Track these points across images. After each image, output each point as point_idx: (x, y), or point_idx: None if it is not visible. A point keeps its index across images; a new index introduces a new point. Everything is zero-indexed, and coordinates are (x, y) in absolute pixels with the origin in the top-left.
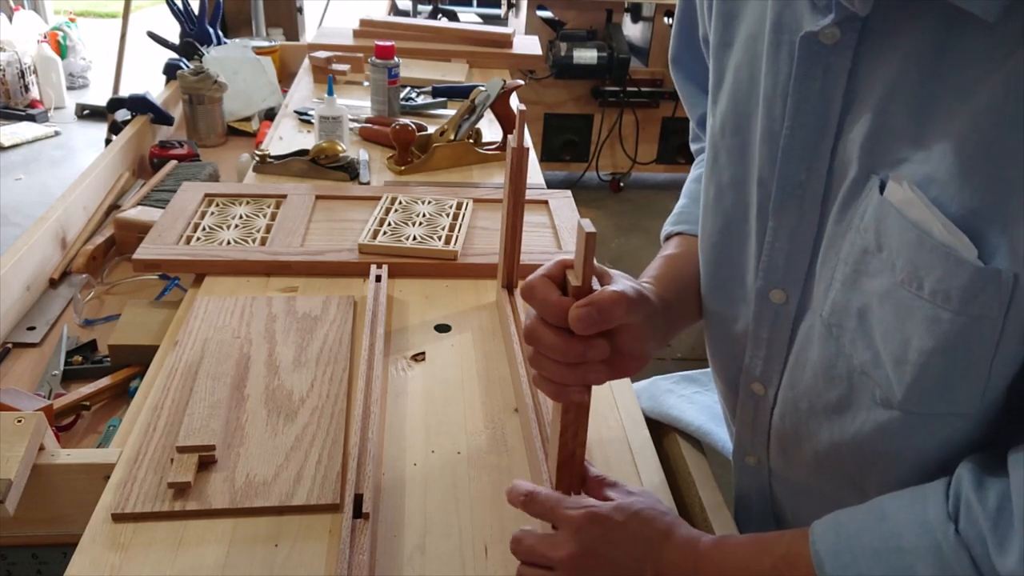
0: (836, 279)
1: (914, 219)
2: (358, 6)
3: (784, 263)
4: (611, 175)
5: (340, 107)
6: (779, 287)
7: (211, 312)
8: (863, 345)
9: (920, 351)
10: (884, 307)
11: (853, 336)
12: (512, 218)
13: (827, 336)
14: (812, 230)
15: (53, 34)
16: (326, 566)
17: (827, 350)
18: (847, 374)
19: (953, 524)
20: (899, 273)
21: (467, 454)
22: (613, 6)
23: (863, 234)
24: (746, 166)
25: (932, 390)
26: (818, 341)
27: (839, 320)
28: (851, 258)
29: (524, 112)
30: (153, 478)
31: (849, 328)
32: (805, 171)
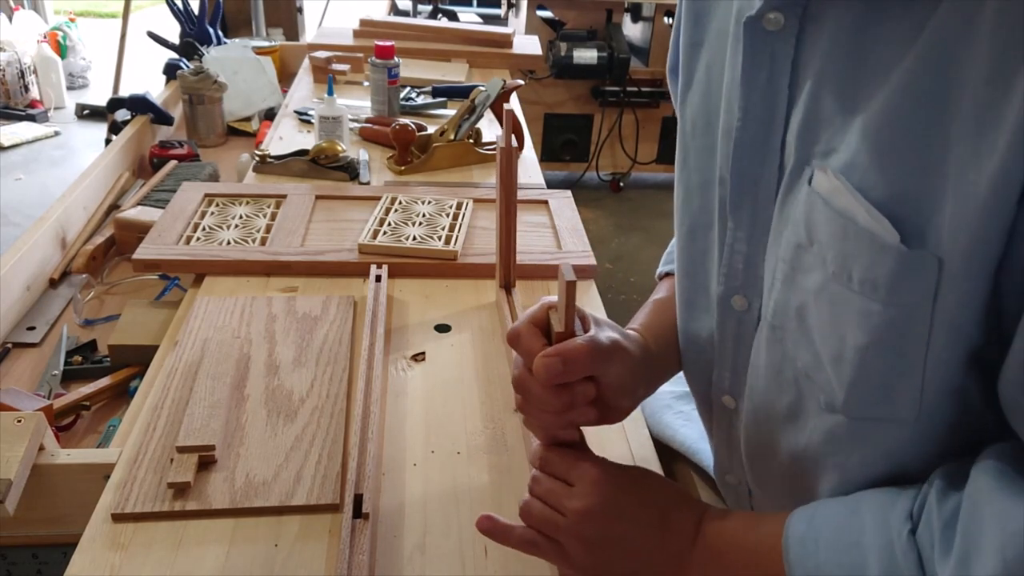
0: (777, 278)
1: (840, 207)
2: (358, 6)
3: (744, 266)
4: (611, 175)
5: (340, 107)
6: (740, 293)
7: (211, 312)
8: (804, 346)
9: (855, 348)
10: (819, 304)
11: (795, 337)
12: (505, 219)
13: (772, 339)
14: (767, 230)
15: (53, 34)
16: (326, 566)
17: (774, 354)
18: (793, 379)
19: (910, 525)
20: (830, 266)
21: (467, 454)
22: (613, 6)
23: (796, 228)
24: (713, 167)
25: (870, 391)
26: (766, 345)
27: (781, 321)
28: (787, 254)
29: (511, 112)
30: (153, 478)
31: (790, 329)
32: (759, 166)
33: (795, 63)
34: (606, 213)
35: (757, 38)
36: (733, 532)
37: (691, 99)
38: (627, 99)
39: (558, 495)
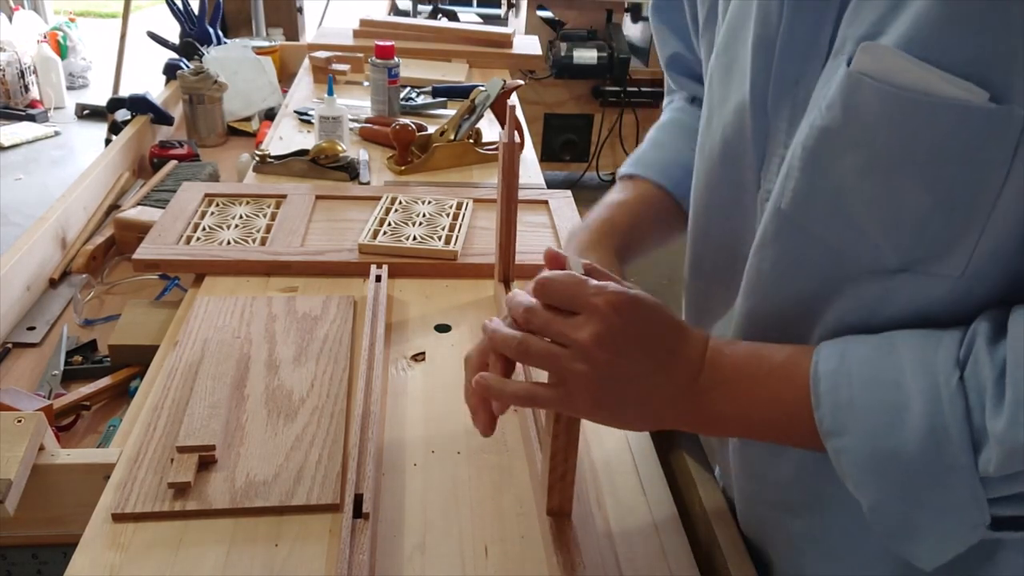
0: (794, 167)
1: (902, 83)
2: (358, 6)
3: (776, 168)
4: (611, 175)
5: (340, 107)
6: None
7: (211, 312)
8: (840, 226)
9: (917, 212)
10: (863, 180)
11: (824, 220)
12: (506, 213)
13: (790, 227)
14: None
15: (53, 34)
16: (326, 566)
17: (789, 240)
18: (821, 256)
19: (959, 372)
20: (879, 144)
21: (467, 454)
22: (613, 6)
23: (825, 113)
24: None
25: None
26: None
27: (804, 209)
28: (810, 141)
29: (513, 108)
30: (153, 478)
31: (818, 213)
32: (802, 64)
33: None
34: None
35: None
36: (745, 359)
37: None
38: (627, 99)
39: (561, 325)
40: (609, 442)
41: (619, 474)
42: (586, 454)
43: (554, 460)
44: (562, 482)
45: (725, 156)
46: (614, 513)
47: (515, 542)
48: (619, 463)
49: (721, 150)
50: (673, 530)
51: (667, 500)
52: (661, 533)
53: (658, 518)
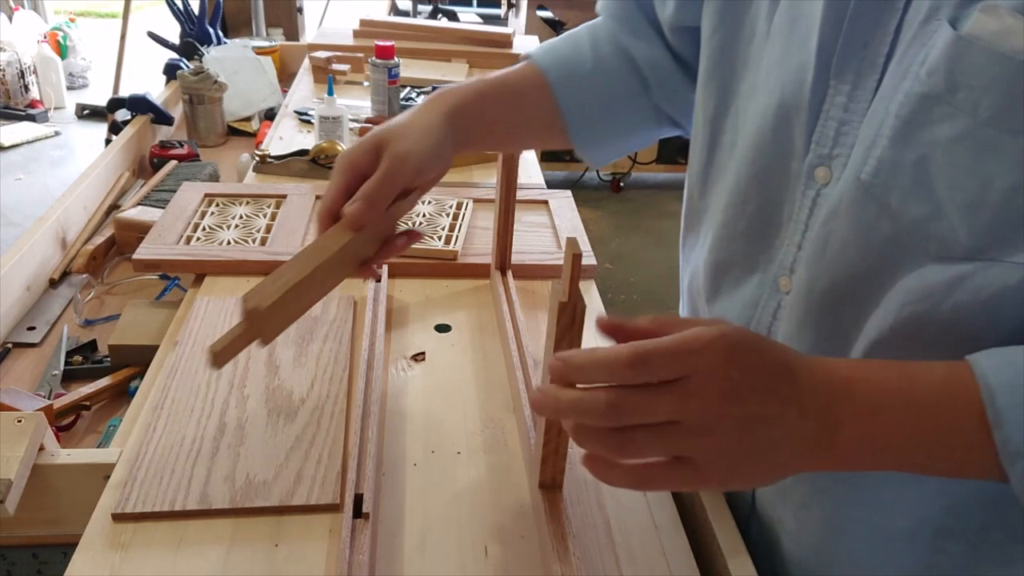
0: (882, 135)
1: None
2: (358, 6)
3: (834, 135)
4: (611, 175)
5: (340, 107)
6: (826, 164)
7: (211, 312)
8: (919, 199)
9: (1004, 189)
10: (954, 152)
11: (904, 192)
12: (505, 202)
13: (865, 199)
14: (870, 91)
15: (53, 34)
16: (326, 566)
17: (864, 214)
18: (891, 235)
19: None
20: (983, 111)
21: (467, 454)
22: None
23: (924, 80)
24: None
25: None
26: (851, 207)
27: (885, 179)
28: (904, 110)
29: None
30: (153, 478)
31: (899, 185)
32: (874, 27)
33: None
34: (606, 213)
35: None
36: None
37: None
38: None
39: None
40: None
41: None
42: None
43: (548, 434)
44: (555, 455)
45: (779, 118)
46: (614, 513)
47: (515, 542)
48: None
49: (776, 112)
50: (673, 530)
51: (667, 500)
52: (661, 533)
53: (658, 518)
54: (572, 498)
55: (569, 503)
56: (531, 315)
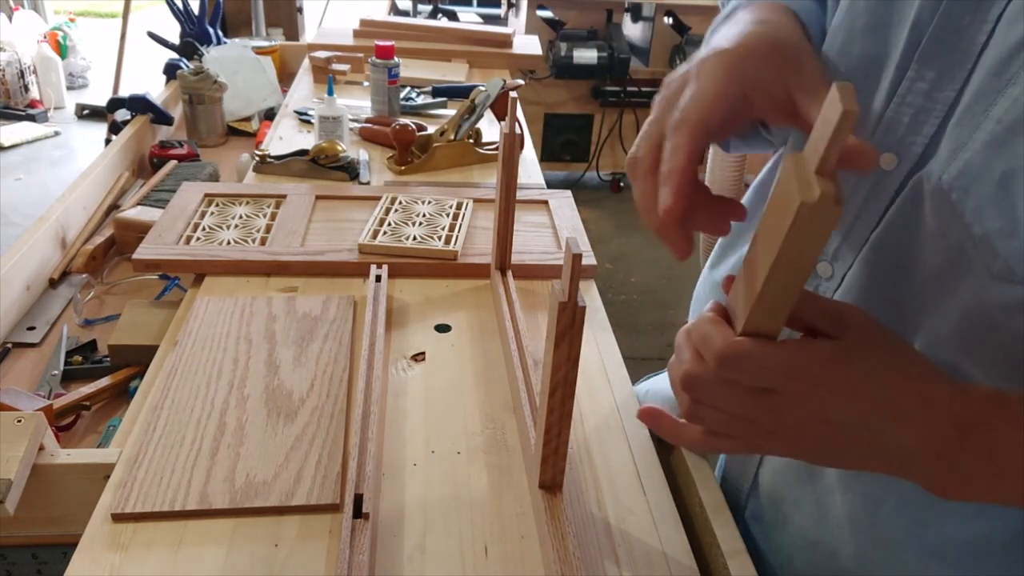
0: (977, 139)
1: None
2: (358, 6)
3: (909, 122)
4: (611, 175)
5: (340, 107)
6: (892, 150)
7: (211, 312)
8: (995, 212)
9: None
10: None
11: (982, 202)
12: (505, 202)
13: (942, 201)
14: (957, 84)
15: (53, 34)
16: (326, 566)
17: (938, 217)
18: (957, 243)
19: None
20: None
21: (467, 454)
22: (613, 6)
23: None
24: (892, 10)
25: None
26: (928, 206)
27: (966, 184)
28: (1009, 116)
29: (515, 99)
30: (153, 478)
31: (979, 193)
32: (971, 13)
33: None
34: (606, 213)
35: None
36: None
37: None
38: (627, 99)
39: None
40: (610, 442)
41: (619, 474)
42: (587, 454)
43: (548, 434)
44: (555, 455)
45: None
46: (614, 513)
47: (515, 542)
48: (619, 463)
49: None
50: (673, 530)
51: (667, 500)
52: (661, 533)
53: (658, 518)
54: (572, 498)
55: (569, 503)
56: (531, 315)
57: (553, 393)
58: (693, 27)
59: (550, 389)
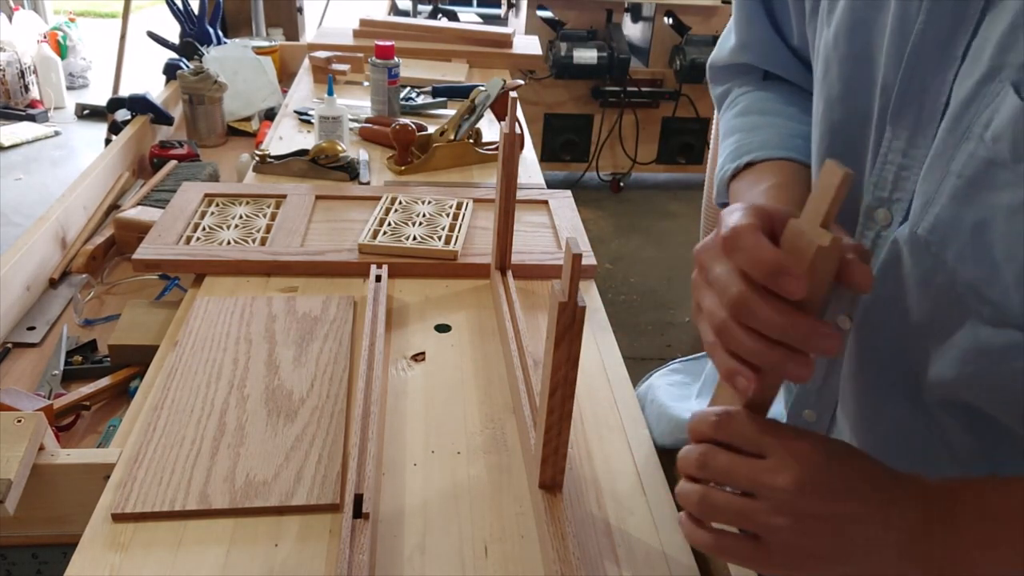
0: (942, 193)
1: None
2: (358, 6)
3: (893, 178)
4: (611, 175)
5: (340, 107)
6: (885, 206)
7: (211, 312)
8: (975, 262)
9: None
10: (1014, 221)
11: (961, 252)
12: (505, 202)
13: (923, 252)
14: (928, 140)
15: (53, 34)
16: (326, 566)
17: (922, 267)
18: (946, 291)
19: None
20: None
21: (467, 454)
22: (613, 6)
23: (989, 145)
24: (863, 75)
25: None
26: (910, 258)
27: (942, 237)
28: (967, 171)
29: (515, 99)
30: (153, 478)
31: (956, 244)
32: (932, 73)
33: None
34: (606, 213)
35: None
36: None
37: (837, 7)
38: (627, 99)
39: (750, 471)
40: (610, 442)
41: (619, 474)
42: (586, 454)
43: (548, 434)
44: (555, 455)
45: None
46: (614, 513)
47: (515, 542)
48: (619, 463)
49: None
50: (673, 530)
51: (667, 500)
52: (661, 533)
53: (658, 518)
54: (572, 498)
55: (569, 503)
56: (531, 315)
57: (553, 393)
58: (693, 27)
59: (550, 389)
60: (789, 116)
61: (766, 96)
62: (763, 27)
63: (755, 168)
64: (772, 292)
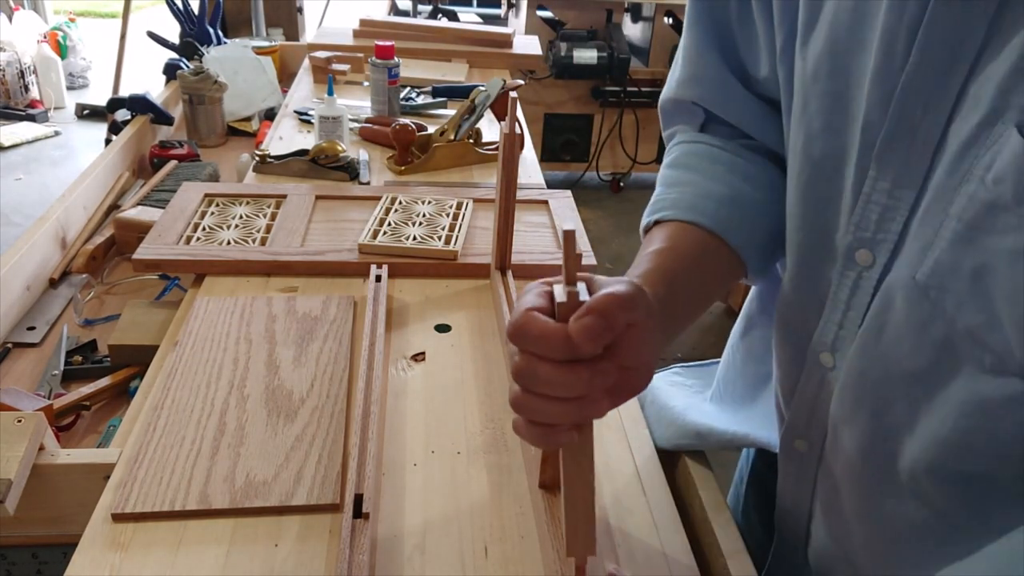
0: (942, 237)
1: None
2: (358, 6)
3: (878, 218)
4: (611, 175)
5: (340, 107)
6: (867, 247)
7: (211, 312)
8: (975, 307)
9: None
10: (1016, 265)
11: (962, 298)
12: (505, 202)
13: (920, 298)
14: (916, 182)
15: (53, 34)
16: (326, 566)
17: (918, 313)
18: (943, 339)
19: None
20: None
21: (467, 454)
22: (613, 6)
23: (990, 187)
24: (844, 111)
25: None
26: (904, 304)
27: (941, 282)
28: (967, 214)
29: (515, 99)
30: (153, 478)
31: (956, 290)
32: (921, 111)
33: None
34: (606, 213)
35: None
36: None
37: (813, 42)
38: (627, 99)
39: None
40: (610, 443)
41: (619, 474)
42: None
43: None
44: (555, 455)
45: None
46: (614, 513)
47: (515, 542)
48: (619, 463)
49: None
50: (673, 530)
51: (667, 500)
52: (661, 533)
53: (658, 518)
54: None
55: None
56: None
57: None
58: None
59: None
60: (711, 176)
61: (695, 150)
62: (713, 62)
63: (660, 227)
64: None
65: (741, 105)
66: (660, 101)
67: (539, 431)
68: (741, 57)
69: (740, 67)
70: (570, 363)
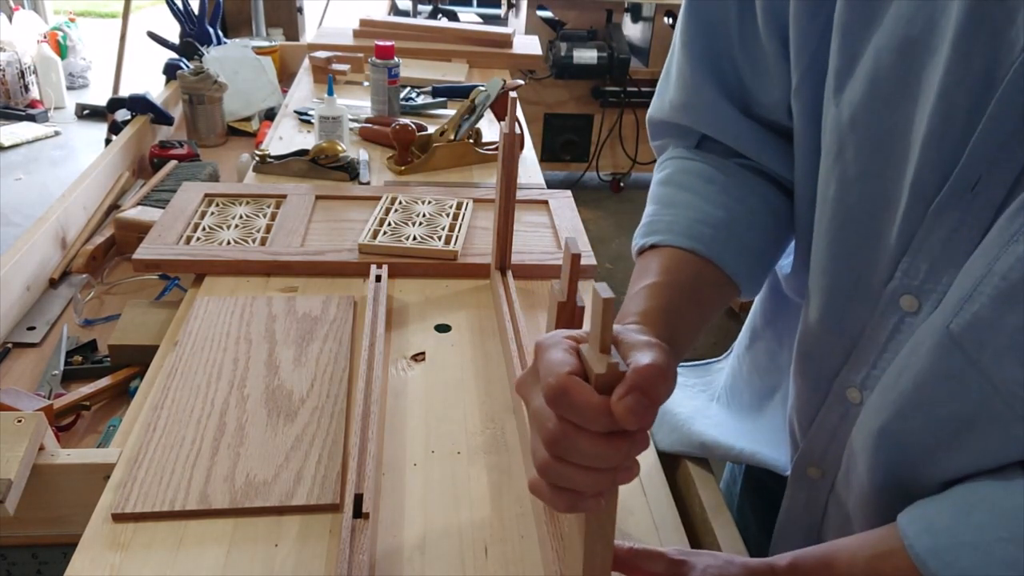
0: (983, 292)
1: None
2: (358, 6)
3: (928, 267)
4: (611, 175)
5: (340, 107)
6: (913, 293)
7: (211, 312)
8: (1014, 362)
9: None
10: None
11: (1000, 352)
12: (505, 202)
13: (952, 348)
14: (975, 237)
15: (53, 34)
16: (326, 566)
17: (948, 362)
18: (978, 388)
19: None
20: None
21: (467, 454)
22: (613, 6)
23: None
24: (885, 160)
25: None
26: (934, 350)
27: (980, 337)
28: (1013, 274)
29: (515, 99)
30: (153, 478)
31: (995, 344)
32: (986, 171)
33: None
34: (606, 213)
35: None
36: (825, 563)
37: (850, 90)
38: (627, 99)
39: None
40: None
41: None
42: None
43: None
44: None
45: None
46: None
47: (515, 542)
48: None
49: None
50: (673, 530)
51: (667, 500)
52: (661, 533)
53: (658, 518)
54: None
55: None
56: (531, 315)
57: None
58: None
59: None
60: (706, 197)
61: (690, 167)
62: (709, 90)
63: (655, 252)
64: None
65: (739, 131)
66: (649, 117)
67: (566, 497)
68: (743, 82)
69: (739, 93)
70: (609, 435)
